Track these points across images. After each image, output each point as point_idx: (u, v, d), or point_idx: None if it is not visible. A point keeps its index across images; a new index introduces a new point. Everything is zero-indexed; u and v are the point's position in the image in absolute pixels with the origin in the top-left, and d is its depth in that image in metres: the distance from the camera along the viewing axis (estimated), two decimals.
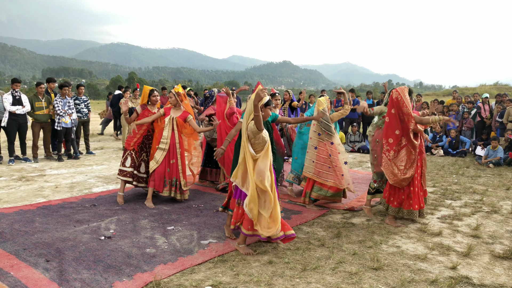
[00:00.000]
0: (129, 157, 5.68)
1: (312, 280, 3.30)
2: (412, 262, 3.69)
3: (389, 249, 4.01)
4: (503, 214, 5.33)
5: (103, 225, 4.61)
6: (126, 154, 5.71)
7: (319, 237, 4.32)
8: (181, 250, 3.90)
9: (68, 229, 4.43)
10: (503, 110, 10.62)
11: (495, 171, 8.66)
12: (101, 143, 12.44)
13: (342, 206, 5.57)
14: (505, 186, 7.06)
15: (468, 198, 6.20)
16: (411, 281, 3.30)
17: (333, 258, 3.73)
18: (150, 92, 5.75)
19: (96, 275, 3.32)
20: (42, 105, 8.84)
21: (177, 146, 5.57)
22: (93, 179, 7.21)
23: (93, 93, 70.97)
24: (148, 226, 4.63)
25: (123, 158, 5.71)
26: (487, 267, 3.64)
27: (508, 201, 6.02)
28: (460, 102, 12.20)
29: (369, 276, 3.39)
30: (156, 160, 5.48)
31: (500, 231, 4.63)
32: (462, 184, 7.23)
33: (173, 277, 3.34)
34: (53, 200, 5.69)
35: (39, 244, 3.97)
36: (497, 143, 9.47)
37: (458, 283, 3.28)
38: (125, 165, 5.67)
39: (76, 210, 5.18)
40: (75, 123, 9.40)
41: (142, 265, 3.54)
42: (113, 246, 3.97)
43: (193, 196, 6.05)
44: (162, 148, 5.49)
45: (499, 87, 32.09)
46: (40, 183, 6.78)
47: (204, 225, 4.70)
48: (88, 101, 10.27)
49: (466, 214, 5.30)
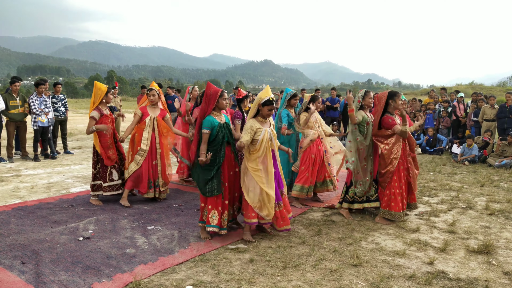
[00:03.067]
0: (114, 169, 5.47)
1: (293, 277, 3.33)
2: (391, 258, 3.76)
3: (369, 246, 4.07)
4: (477, 210, 5.48)
5: (82, 226, 4.52)
6: (110, 168, 5.43)
7: (300, 235, 4.35)
8: (161, 250, 3.86)
9: (45, 230, 4.33)
10: (478, 109, 10.91)
11: (470, 168, 8.90)
12: (79, 143, 12.21)
13: (322, 204, 5.62)
14: (479, 183, 7.26)
15: (444, 195, 6.35)
16: (390, 277, 3.36)
17: (313, 256, 3.76)
18: (108, 90, 5.38)
19: (74, 276, 3.26)
20: (16, 104, 8.61)
21: (158, 146, 5.47)
22: (71, 179, 7.07)
23: (71, 91, 69.52)
24: (128, 226, 4.57)
25: (107, 173, 5.40)
26: (463, 261, 3.74)
27: (482, 198, 6.19)
28: (437, 101, 12.48)
29: (349, 272, 3.43)
30: (137, 162, 5.35)
31: (475, 227, 4.77)
32: (439, 181, 7.40)
33: (153, 277, 3.30)
34: (29, 200, 5.56)
35: (14, 246, 3.87)
36: (472, 141, 9.73)
37: (435, 277, 3.35)
38: (112, 179, 5.44)
39: (53, 211, 5.06)
40: (52, 122, 9.19)
41: (121, 265, 3.49)
42: (91, 247, 3.91)
43: (174, 196, 6.00)
44: (144, 149, 5.35)
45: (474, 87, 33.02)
46: (15, 184, 6.61)
47: (185, 224, 4.67)
48: (65, 100, 10.05)
49: (443, 210, 5.43)
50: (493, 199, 6.08)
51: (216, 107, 4.18)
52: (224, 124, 4.18)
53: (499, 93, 25.52)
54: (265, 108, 4.03)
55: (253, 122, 4.05)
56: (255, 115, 4.14)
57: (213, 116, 4.15)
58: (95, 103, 5.33)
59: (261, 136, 4.01)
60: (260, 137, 4.01)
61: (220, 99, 4.16)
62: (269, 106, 4.03)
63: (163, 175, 5.55)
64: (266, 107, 4.03)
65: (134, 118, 5.40)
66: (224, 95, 4.22)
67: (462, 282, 3.31)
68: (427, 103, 12.37)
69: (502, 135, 9.72)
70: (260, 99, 4.04)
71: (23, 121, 8.79)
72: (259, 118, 4.11)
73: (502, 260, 3.78)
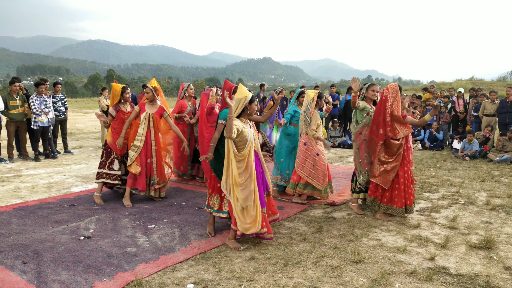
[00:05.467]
0: (116, 160, 5.53)
1: (294, 274, 3.33)
2: (392, 255, 3.76)
3: (370, 242, 4.07)
4: (478, 206, 5.48)
5: (83, 225, 4.53)
6: (113, 157, 5.52)
7: (300, 232, 4.36)
8: (162, 249, 3.87)
9: (46, 230, 4.34)
10: (478, 104, 10.89)
11: (471, 164, 8.89)
12: (79, 142, 12.21)
13: (323, 201, 5.62)
14: (480, 178, 7.26)
15: (445, 190, 6.35)
16: (391, 273, 3.36)
17: (314, 253, 3.77)
18: (123, 90, 5.51)
19: (76, 275, 3.27)
20: (16, 104, 8.60)
21: (153, 144, 5.45)
22: (72, 179, 7.07)
23: (71, 91, 69.47)
24: (129, 225, 4.58)
25: (109, 161, 5.51)
26: (464, 257, 3.74)
27: (483, 193, 6.19)
28: (437, 97, 12.46)
29: (350, 269, 3.44)
30: (131, 157, 5.35)
31: (475, 222, 4.77)
32: (440, 177, 7.40)
33: (154, 276, 3.31)
34: (30, 200, 5.56)
35: (15, 246, 3.87)
36: (472, 136, 9.72)
37: (436, 273, 3.36)
38: (113, 168, 5.51)
39: (54, 211, 5.07)
40: (52, 122, 9.19)
41: (123, 264, 3.50)
42: (93, 246, 3.91)
43: (174, 194, 6.01)
44: (137, 145, 5.35)
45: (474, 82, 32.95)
46: (16, 184, 6.61)
47: (186, 222, 4.67)
48: (65, 99, 10.05)
49: (444, 206, 5.43)
50: (494, 194, 6.08)
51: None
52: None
53: (500, 88, 25.52)
54: (252, 104, 4.01)
55: (238, 122, 3.92)
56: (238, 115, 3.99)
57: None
58: (114, 102, 5.56)
59: (248, 136, 3.93)
60: (248, 137, 3.93)
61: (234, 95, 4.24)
62: (255, 102, 4.05)
63: (158, 173, 5.52)
64: (253, 104, 4.02)
65: (132, 114, 5.42)
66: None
67: (463, 277, 3.31)
68: (426, 99, 12.35)
69: (503, 130, 9.70)
70: (246, 98, 3.93)
71: (23, 121, 8.78)
72: (242, 119, 4.00)
73: (503, 255, 3.79)
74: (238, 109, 3.91)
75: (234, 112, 3.84)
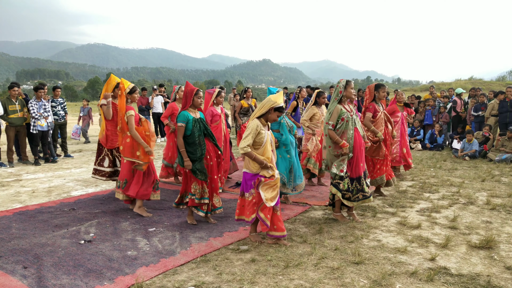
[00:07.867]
0: (107, 157, 5.61)
1: (295, 276, 3.33)
2: (393, 255, 3.76)
3: (370, 243, 4.07)
4: (478, 205, 5.47)
5: (83, 229, 4.53)
6: (104, 155, 5.61)
7: (301, 234, 4.35)
8: (163, 252, 3.86)
9: (47, 234, 4.34)
10: (478, 104, 10.90)
11: (471, 164, 8.89)
12: (79, 146, 12.21)
13: (323, 202, 5.63)
14: (480, 178, 7.25)
15: (445, 190, 6.35)
16: (392, 274, 3.36)
17: (315, 254, 3.76)
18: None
19: (76, 280, 3.27)
20: (16, 108, 8.61)
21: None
22: (72, 183, 7.07)
23: (70, 95, 69.45)
24: (129, 228, 4.58)
25: (100, 158, 5.62)
26: (464, 257, 3.74)
27: (483, 193, 6.19)
28: (436, 97, 12.47)
29: (351, 270, 3.43)
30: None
31: (476, 222, 4.76)
32: (440, 177, 7.40)
33: (155, 279, 3.31)
34: (30, 205, 5.56)
35: (16, 251, 3.87)
36: (472, 136, 9.72)
37: (436, 274, 3.35)
38: (102, 165, 5.62)
39: (54, 215, 5.07)
40: (52, 126, 9.20)
41: (123, 268, 3.50)
42: (93, 250, 3.91)
43: (174, 197, 5.99)
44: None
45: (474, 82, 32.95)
46: (16, 188, 6.61)
47: (186, 225, 4.67)
48: (64, 104, 10.07)
49: (444, 206, 5.42)
50: (494, 194, 6.08)
51: (192, 104, 4.58)
52: (199, 119, 4.56)
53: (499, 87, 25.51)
54: (275, 113, 3.98)
55: (258, 122, 3.95)
56: (260, 116, 4.02)
57: (188, 112, 4.53)
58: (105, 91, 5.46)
59: (265, 138, 3.95)
60: (264, 139, 3.95)
61: (195, 97, 4.54)
62: (280, 113, 4.01)
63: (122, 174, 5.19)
64: (277, 113, 3.99)
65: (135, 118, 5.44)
66: (199, 93, 4.63)
67: (464, 277, 3.31)
68: (426, 99, 12.37)
69: (503, 130, 9.70)
70: (275, 104, 3.91)
71: (22, 125, 8.79)
72: (262, 120, 4.02)
73: (504, 254, 3.78)
74: (262, 109, 3.94)
75: (257, 112, 4.00)
